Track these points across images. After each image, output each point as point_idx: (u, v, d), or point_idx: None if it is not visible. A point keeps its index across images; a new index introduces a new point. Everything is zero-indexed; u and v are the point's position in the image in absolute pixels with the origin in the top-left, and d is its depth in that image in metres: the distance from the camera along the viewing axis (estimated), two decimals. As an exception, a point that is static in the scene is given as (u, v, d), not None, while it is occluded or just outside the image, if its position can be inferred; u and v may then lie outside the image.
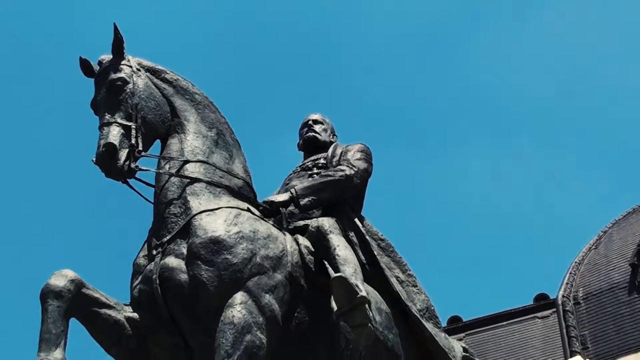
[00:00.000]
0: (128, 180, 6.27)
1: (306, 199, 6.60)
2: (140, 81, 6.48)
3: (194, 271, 5.89)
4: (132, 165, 6.18)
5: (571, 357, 27.82)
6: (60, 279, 5.84)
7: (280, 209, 6.55)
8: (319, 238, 6.36)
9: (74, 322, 5.92)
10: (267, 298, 5.87)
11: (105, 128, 6.24)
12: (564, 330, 30.23)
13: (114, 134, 6.18)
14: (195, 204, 6.16)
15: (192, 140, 6.47)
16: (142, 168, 6.29)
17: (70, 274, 5.91)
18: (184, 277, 5.92)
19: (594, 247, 32.79)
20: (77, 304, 5.88)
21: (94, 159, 6.18)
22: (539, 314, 33.13)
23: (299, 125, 7.64)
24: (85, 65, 6.56)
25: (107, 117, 6.29)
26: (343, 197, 6.82)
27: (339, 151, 7.12)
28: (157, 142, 6.57)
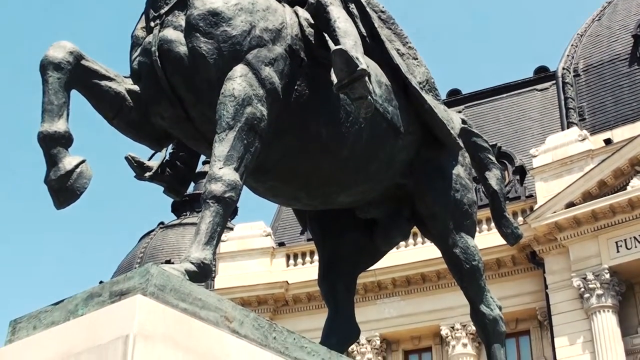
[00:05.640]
0: None
1: (306, -30, 6.44)
2: None
3: (192, 43, 5.85)
4: None
5: (568, 128, 28.30)
6: (59, 51, 5.78)
7: (280, -20, 6.41)
8: (319, 10, 6.27)
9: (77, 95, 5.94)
10: (267, 71, 5.87)
11: None
12: (562, 103, 30.63)
13: None
14: (192, -25, 6.02)
15: None
16: (137, -64, 6.10)
17: (68, 45, 5.84)
18: (183, 49, 5.88)
19: (597, 18, 32.56)
20: (77, 75, 5.84)
21: None
22: (538, 87, 33.45)
23: None
24: None
25: None
26: (343, -33, 6.66)
27: None
28: None
